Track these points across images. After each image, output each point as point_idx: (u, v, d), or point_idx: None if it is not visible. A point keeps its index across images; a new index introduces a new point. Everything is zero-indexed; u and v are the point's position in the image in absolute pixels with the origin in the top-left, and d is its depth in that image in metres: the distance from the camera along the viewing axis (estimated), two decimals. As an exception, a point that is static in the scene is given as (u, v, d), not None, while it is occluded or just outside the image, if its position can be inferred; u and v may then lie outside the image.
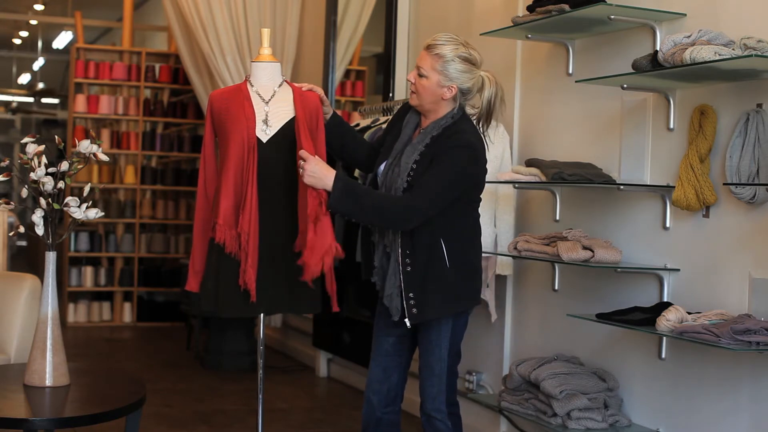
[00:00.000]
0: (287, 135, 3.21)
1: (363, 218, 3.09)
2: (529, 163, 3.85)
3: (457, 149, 3.04)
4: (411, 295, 3.09)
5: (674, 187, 3.38)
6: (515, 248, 3.82)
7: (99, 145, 3.28)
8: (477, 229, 3.22)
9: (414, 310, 3.09)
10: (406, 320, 3.11)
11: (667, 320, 3.14)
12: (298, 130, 3.17)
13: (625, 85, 3.46)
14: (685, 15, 3.46)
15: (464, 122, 3.13)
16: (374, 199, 3.06)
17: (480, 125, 3.17)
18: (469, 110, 3.20)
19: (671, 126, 3.51)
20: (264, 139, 3.20)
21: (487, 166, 4.15)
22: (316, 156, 3.08)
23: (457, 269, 3.09)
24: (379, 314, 3.28)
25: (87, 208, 3.23)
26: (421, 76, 3.09)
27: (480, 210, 4.14)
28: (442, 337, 3.13)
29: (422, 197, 3.01)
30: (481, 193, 3.21)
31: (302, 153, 3.07)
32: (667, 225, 3.52)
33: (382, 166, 3.20)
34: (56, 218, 3.22)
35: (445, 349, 3.14)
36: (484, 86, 3.12)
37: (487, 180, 4.05)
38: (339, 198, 3.01)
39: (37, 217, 3.14)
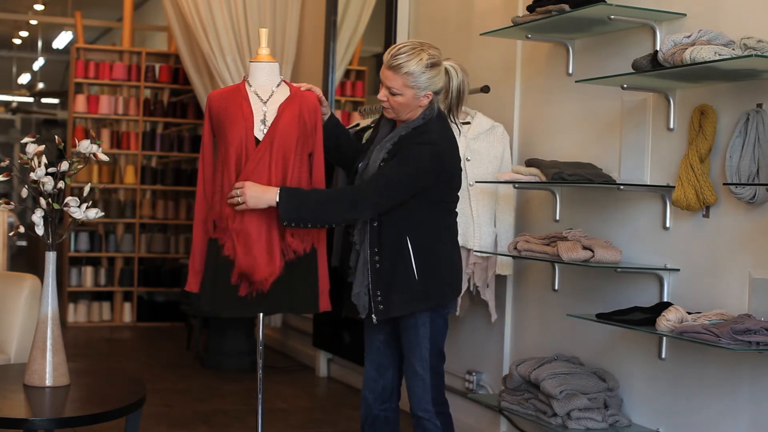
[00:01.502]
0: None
1: (314, 217, 3.06)
2: (529, 163, 3.85)
3: (420, 146, 3.07)
4: (378, 292, 3.12)
5: (674, 187, 3.38)
6: (515, 248, 3.82)
7: (99, 145, 3.28)
8: (449, 229, 3.22)
9: (380, 306, 3.13)
10: (373, 317, 3.15)
11: (667, 320, 3.14)
12: (281, 113, 3.17)
13: (625, 85, 3.46)
14: (685, 15, 3.46)
15: (435, 122, 3.14)
16: (320, 194, 3.12)
17: (451, 114, 3.20)
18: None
19: (671, 126, 3.51)
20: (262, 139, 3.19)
21: (488, 166, 4.20)
22: (248, 181, 3.08)
23: (423, 267, 3.10)
24: None
25: (87, 208, 3.23)
26: (394, 95, 3.09)
27: (480, 210, 4.19)
28: (421, 338, 3.15)
29: (371, 185, 3.06)
30: (455, 194, 3.22)
31: (238, 183, 3.08)
32: (667, 225, 3.52)
33: (360, 165, 3.24)
34: (56, 218, 3.22)
35: (425, 349, 3.16)
36: (450, 77, 3.15)
37: (487, 180, 4.10)
38: (286, 205, 3.02)
39: (37, 217, 3.14)
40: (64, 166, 3.20)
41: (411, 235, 3.11)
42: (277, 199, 3.03)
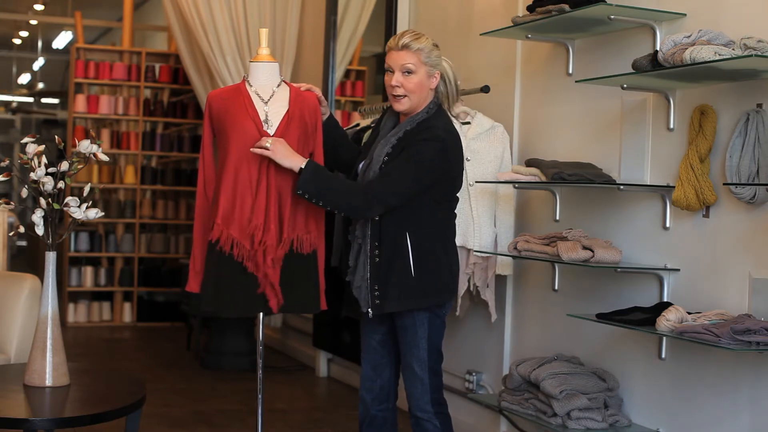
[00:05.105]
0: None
1: (328, 202, 3.12)
2: (529, 163, 3.85)
3: (427, 142, 3.09)
4: (376, 286, 3.13)
5: (674, 187, 3.38)
6: (515, 248, 3.82)
7: (99, 145, 3.28)
8: (448, 228, 3.23)
9: (377, 301, 3.14)
10: (369, 311, 3.15)
11: (667, 320, 3.14)
12: (287, 124, 3.18)
13: (625, 85, 3.47)
14: (685, 15, 3.46)
15: (438, 118, 3.17)
16: (339, 184, 3.13)
17: (449, 109, 3.25)
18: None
19: (671, 126, 3.51)
20: (264, 139, 3.19)
21: (488, 166, 4.20)
22: (282, 139, 3.12)
23: (420, 265, 3.12)
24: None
25: (87, 208, 3.23)
26: (409, 73, 3.14)
27: (480, 210, 4.19)
28: (419, 338, 3.16)
29: (384, 185, 3.08)
30: (456, 192, 3.23)
31: (266, 138, 3.12)
32: (667, 225, 3.52)
33: (361, 165, 3.25)
34: (56, 218, 3.22)
35: (423, 350, 3.16)
36: (447, 67, 3.24)
37: (487, 180, 4.10)
38: (307, 179, 3.06)
39: (37, 217, 3.14)
40: (64, 166, 3.21)
41: (410, 232, 3.12)
42: (298, 170, 3.08)
